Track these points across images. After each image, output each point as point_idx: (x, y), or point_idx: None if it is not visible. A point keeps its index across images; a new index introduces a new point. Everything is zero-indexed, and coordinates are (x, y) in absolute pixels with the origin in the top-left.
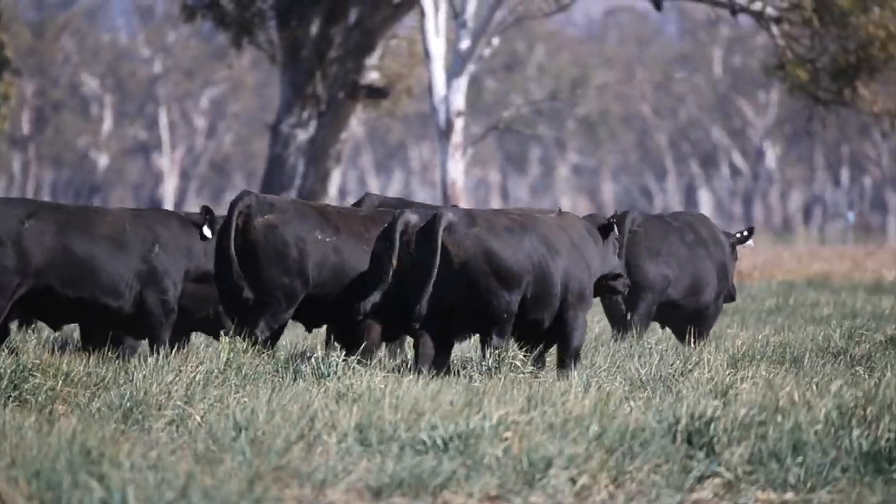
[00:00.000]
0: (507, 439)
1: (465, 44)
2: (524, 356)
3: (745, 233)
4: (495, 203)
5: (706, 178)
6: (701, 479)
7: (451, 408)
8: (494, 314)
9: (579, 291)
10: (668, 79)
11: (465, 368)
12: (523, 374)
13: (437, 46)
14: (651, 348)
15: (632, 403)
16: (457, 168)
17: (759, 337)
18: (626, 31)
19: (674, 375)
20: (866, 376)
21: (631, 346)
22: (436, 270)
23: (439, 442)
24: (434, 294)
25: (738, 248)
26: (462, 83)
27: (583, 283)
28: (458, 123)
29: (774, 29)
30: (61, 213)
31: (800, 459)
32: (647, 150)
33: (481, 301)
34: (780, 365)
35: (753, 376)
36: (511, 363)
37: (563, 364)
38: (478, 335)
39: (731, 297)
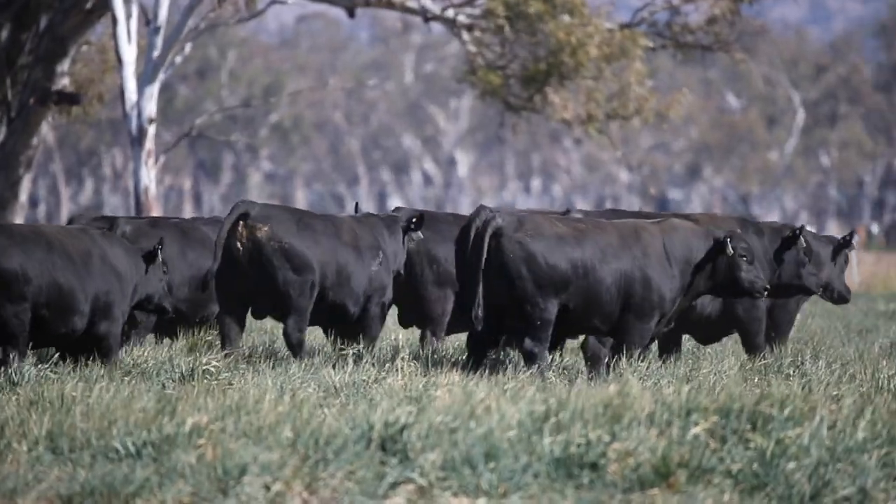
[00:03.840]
0: (200, 446)
1: (157, 50)
2: (217, 364)
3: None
4: (188, 212)
5: (398, 185)
6: (395, 486)
7: (144, 415)
8: (529, 320)
9: (637, 297)
10: (361, 85)
11: (158, 375)
12: (217, 381)
13: (129, 53)
14: (348, 356)
15: (326, 410)
16: (149, 175)
17: (455, 344)
18: (318, 37)
19: (368, 382)
20: (559, 383)
21: (328, 354)
22: (481, 272)
23: (132, 449)
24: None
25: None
26: (154, 90)
27: (640, 289)
28: (151, 130)
29: (466, 36)
30: (319, 222)
31: (492, 465)
32: (339, 156)
33: (519, 305)
34: (473, 371)
35: (448, 383)
36: (204, 370)
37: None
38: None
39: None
